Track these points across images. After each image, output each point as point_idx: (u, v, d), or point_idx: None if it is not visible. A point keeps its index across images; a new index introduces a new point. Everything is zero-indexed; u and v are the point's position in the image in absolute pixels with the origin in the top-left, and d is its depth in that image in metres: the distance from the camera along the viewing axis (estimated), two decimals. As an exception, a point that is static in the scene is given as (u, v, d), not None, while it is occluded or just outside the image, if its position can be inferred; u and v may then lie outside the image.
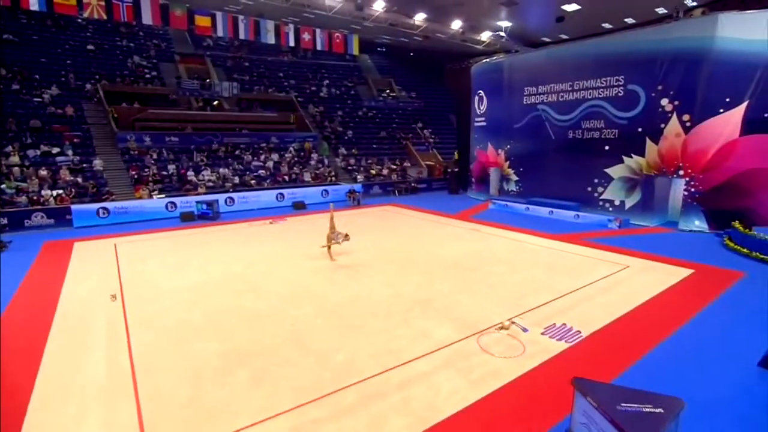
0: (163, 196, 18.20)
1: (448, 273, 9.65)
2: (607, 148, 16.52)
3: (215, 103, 26.97)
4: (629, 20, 23.17)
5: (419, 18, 26.90)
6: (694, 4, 20.03)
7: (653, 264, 10.52)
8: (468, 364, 5.84)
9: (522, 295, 8.33)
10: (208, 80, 26.66)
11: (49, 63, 23.49)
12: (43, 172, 17.58)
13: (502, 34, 28.50)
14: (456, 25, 27.60)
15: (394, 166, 27.44)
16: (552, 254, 11.46)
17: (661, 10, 20.97)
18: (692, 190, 14.51)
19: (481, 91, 23.10)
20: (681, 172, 14.82)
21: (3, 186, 16.04)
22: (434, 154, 30.92)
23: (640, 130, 15.54)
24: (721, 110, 13.60)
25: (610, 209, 16.61)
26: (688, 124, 14.44)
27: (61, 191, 17.03)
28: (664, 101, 14.98)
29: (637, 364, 5.92)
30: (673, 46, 14.51)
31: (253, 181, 21.59)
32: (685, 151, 14.55)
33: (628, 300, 8.13)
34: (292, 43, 24.16)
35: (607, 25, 23.85)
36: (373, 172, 26.12)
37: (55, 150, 19.12)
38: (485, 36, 29.71)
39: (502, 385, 5.42)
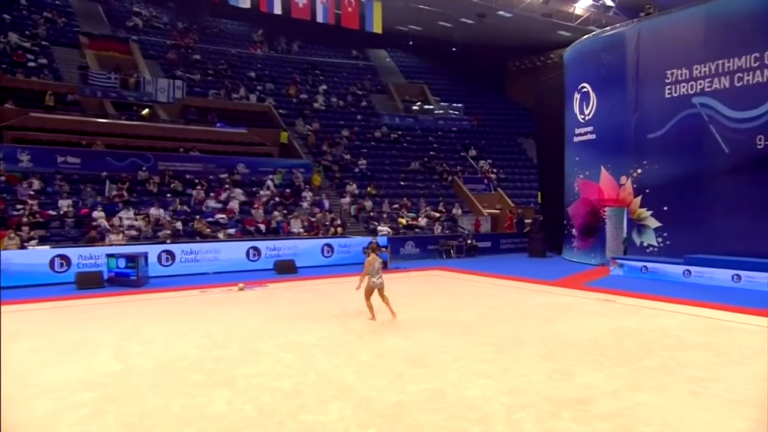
0: (45, 247, 17.78)
1: (591, 359, 9.56)
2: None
3: (145, 111, 26.89)
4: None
5: (477, -23, 26.83)
6: None
7: None
8: None
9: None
10: (135, 76, 26.71)
11: None
12: None
13: (610, 3, 28.20)
14: (536, -11, 27.50)
15: (437, 214, 26.99)
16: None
17: None
18: None
19: (586, 85, 22.50)
20: None
21: None
22: (500, 195, 30.60)
23: None
24: None
25: None
26: None
27: None
28: None
29: None
30: None
31: (207, 230, 20.99)
32: None
33: None
34: (278, 11, 23.80)
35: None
36: (403, 221, 25.55)
37: None
38: (581, 7, 29.49)
39: None
